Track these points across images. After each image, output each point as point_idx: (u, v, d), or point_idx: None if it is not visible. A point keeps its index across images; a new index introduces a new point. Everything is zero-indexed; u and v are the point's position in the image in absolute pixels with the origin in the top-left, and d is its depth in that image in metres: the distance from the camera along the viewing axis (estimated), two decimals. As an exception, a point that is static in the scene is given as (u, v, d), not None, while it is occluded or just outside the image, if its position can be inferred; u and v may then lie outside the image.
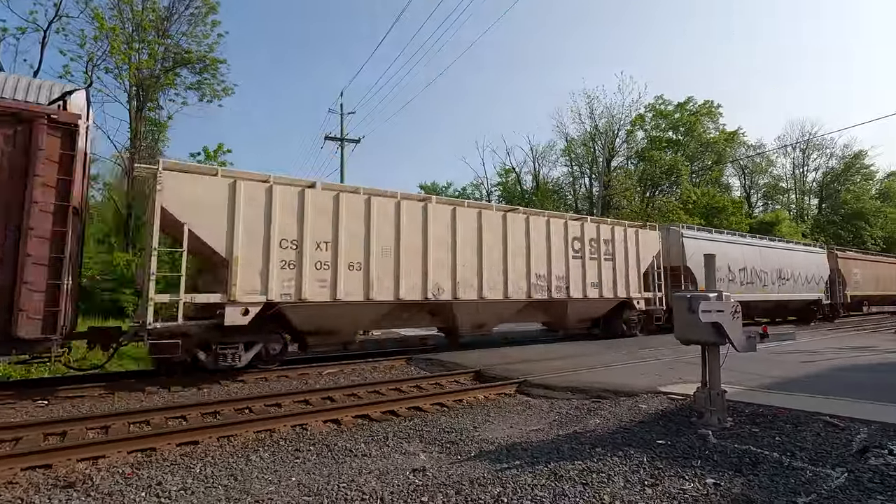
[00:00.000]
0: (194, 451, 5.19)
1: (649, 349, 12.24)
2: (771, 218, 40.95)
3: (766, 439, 5.06)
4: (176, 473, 4.47)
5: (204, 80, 24.79)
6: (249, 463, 4.77)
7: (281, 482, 4.26)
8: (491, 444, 5.24)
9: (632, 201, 36.45)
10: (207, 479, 4.34)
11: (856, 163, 52.98)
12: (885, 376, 8.63)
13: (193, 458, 4.94)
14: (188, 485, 4.19)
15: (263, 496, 3.95)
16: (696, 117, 43.09)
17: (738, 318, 5.42)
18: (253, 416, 6.45)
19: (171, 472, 4.50)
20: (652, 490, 3.93)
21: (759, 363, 9.42)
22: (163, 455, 5.03)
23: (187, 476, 4.40)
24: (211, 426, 5.75)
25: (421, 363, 10.77)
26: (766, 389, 7.30)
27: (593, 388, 7.58)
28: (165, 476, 4.40)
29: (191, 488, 4.12)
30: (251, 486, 4.17)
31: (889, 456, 4.45)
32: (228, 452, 5.12)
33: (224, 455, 5.03)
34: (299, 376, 9.53)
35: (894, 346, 13.24)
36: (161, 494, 4.00)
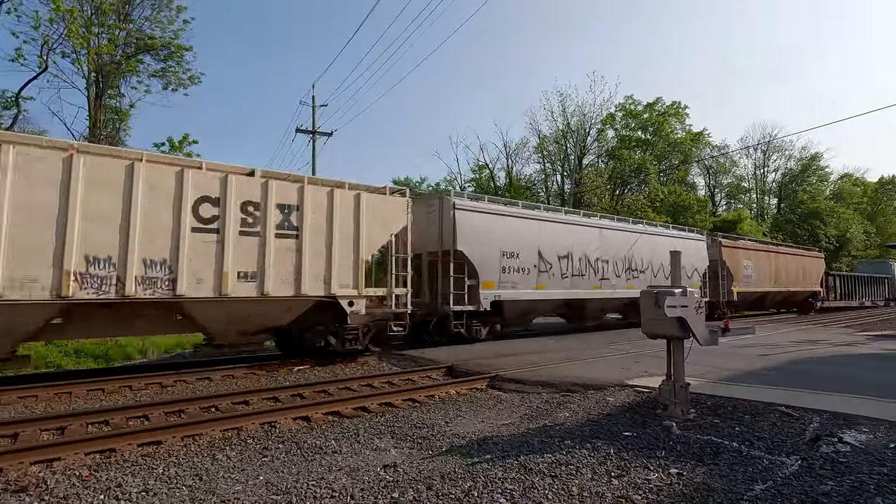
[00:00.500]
0: (157, 451, 5.02)
1: (618, 343, 12.53)
2: (733, 216, 42.49)
3: (727, 430, 5.26)
4: (137, 475, 4.32)
5: (168, 68, 23.91)
6: (215, 462, 4.65)
7: (248, 481, 4.17)
8: (462, 438, 5.26)
9: (602, 199, 37.15)
10: (171, 479, 4.21)
11: (812, 164, 55.50)
12: (837, 368, 9.09)
13: (156, 458, 4.78)
14: (150, 486, 4.05)
15: (230, 496, 3.86)
16: (664, 117, 44.23)
17: (702, 312, 5.59)
18: (219, 414, 6.29)
19: (132, 474, 4.34)
20: (618, 481, 4.03)
21: (720, 356, 9.77)
22: (123, 456, 4.85)
23: (149, 477, 4.26)
24: (174, 425, 5.58)
25: (393, 359, 10.72)
26: (726, 382, 7.58)
27: (563, 382, 7.70)
28: (126, 477, 4.24)
29: (153, 489, 3.99)
30: (217, 486, 4.06)
31: (839, 444, 4.68)
32: (193, 452, 4.98)
33: (188, 455, 4.89)
34: (268, 373, 9.34)
35: (845, 340, 13.95)
36: (121, 496, 3.86)
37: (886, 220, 62.41)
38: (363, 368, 10.00)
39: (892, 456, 4.34)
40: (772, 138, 53.76)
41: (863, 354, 11.05)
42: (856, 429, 5.14)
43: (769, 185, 56.97)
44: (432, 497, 3.75)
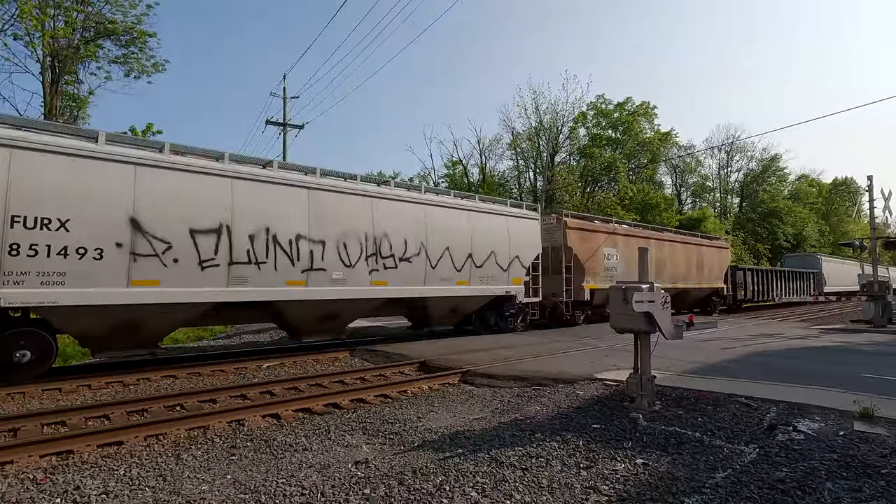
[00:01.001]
0: (118, 452, 4.85)
1: (589, 338, 12.78)
2: (697, 215, 43.82)
3: (690, 420, 5.44)
4: (96, 477, 4.16)
5: (131, 55, 22.92)
6: (180, 462, 4.52)
7: (215, 481, 4.07)
8: (434, 433, 5.28)
9: (573, 196, 37.72)
10: (133, 480, 4.07)
11: (772, 165, 57.78)
12: (792, 360, 9.53)
13: (117, 459, 4.61)
14: (110, 488, 3.91)
15: (196, 496, 3.76)
16: (634, 117, 45.17)
17: (668, 307, 5.75)
18: (185, 412, 6.11)
19: (91, 476, 4.18)
20: (587, 472, 4.12)
21: (684, 350, 10.09)
22: (81, 458, 4.67)
23: (109, 479, 4.11)
24: (136, 425, 5.39)
25: (365, 355, 10.65)
26: (690, 374, 7.84)
27: (534, 377, 7.81)
28: (84, 480, 4.08)
29: (113, 492, 3.85)
30: (182, 487, 3.95)
31: (794, 432, 4.92)
32: (157, 452, 4.83)
33: (152, 455, 4.74)
34: (236, 370, 9.14)
35: (800, 333, 14.63)
36: (79, 500, 3.71)
37: (839, 219, 65.62)
38: (335, 364, 9.90)
39: (841, 443, 4.58)
40: (735, 139, 55.70)
41: (816, 347, 11.61)
42: (809, 418, 5.40)
43: (732, 184, 58.99)
44: (404, 492, 3.75)
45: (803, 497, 3.55)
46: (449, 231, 12.42)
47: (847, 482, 3.78)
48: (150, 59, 23.29)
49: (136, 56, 23.03)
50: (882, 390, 6.55)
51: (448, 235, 12.37)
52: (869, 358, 10.01)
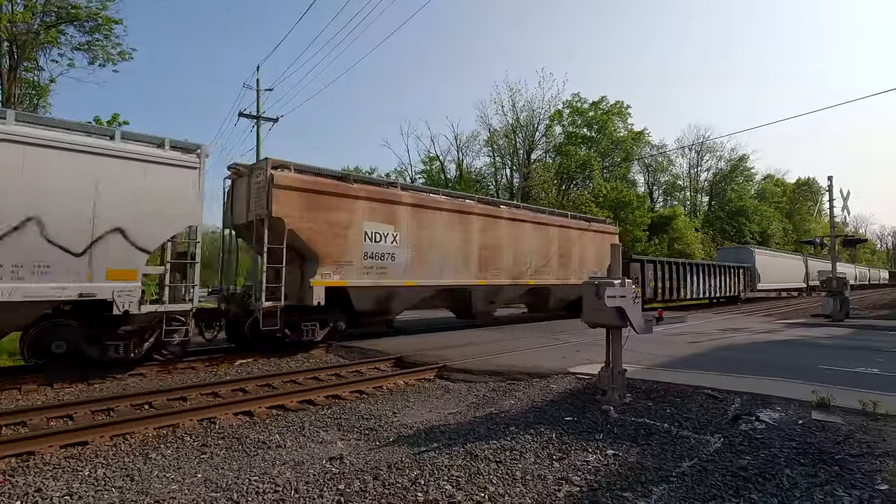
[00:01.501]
0: (82, 452, 4.70)
1: (563, 333, 12.98)
2: (668, 213, 44.92)
3: (659, 412, 5.60)
4: (59, 478, 4.03)
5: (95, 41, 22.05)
6: (149, 461, 4.42)
7: (185, 480, 3.99)
8: (410, 428, 5.29)
9: (549, 193, 38.15)
10: (98, 481, 3.96)
11: (740, 165, 59.66)
12: (756, 354, 9.89)
13: (81, 460, 4.48)
14: (74, 489, 3.79)
15: (165, 496, 3.68)
16: (608, 116, 45.92)
17: (639, 302, 5.89)
18: (153, 411, 5.96)
19: (54, 477, 4.04)
20: (559, 463, 4.20)
21: (654, 344, 10.36)
22: (43, 459, 4.51)
23: (73, 480, 3.98)
24: (102, 424, 5.23)
25: (340, 351, 10.57)
26: (660, 367, 8.05)
27: (509, 371, 7.90)
28: (46, 482, 3.94)
29: (77, 493, 3.73)
30: (150, 487, 3.86)
31: (756, 422, 5.11)
32: (124, 452, 4.70)
33: (118, 455, 4.61)
34: (207, 368, 8.95)
35: (765, 328, 15.18)
36: (41, 502, 3.58)
37: (802, 217, 68.22)
38: (309, 361, 9.80)
39: (799, 432, 4.79)
40: (705, 139, 57.25)
41: (779, 341, 12.08)
42: (771, 408, 5.62)
43: (702, 183, 60.66)
44: (379, 487, 3.75)
45: (763, 483, 3.71)
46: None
47: (804, 468, 3.95)
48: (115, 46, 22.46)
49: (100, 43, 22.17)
50: (839, 381, 6.86)
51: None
52: (827, 351, 10.47)
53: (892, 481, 3.56)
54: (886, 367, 8.33)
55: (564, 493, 3.65)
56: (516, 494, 3.63)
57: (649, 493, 3.61)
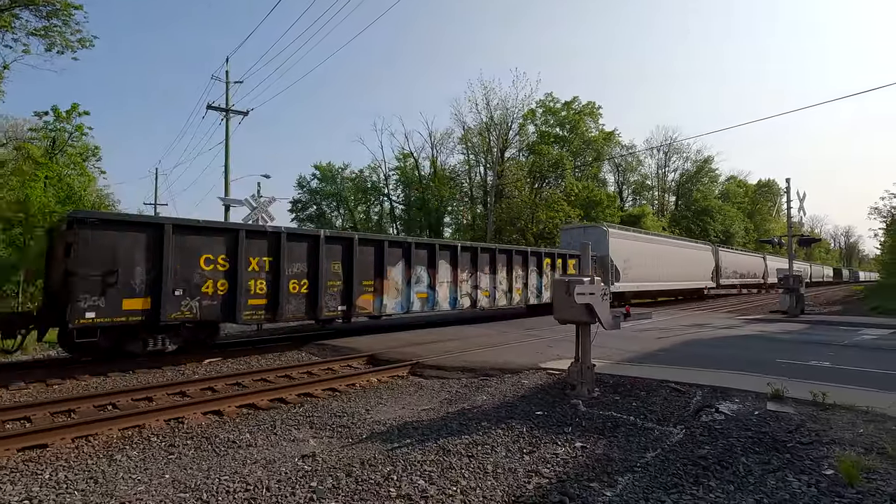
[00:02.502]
0: (42, 455, 4.54)
1: (535, 329, 13.19)
2: (637, 212, 46.07)
3: (626, 405, 5.79)
4: (17, 482, 3.89)
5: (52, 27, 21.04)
6: (114, 463, 4.31)
7: (152, 481, 3.91)
8: (383, 425, 5.31)
9: (522, 192, 38.56)
10: (60, 484, 3.84)
11: (705, 166, 61.66)
12: (718, 348, 10.30)
13: (41, 463, 4.33)
14: (34, 493, 3.67)
15: (131, 497, 3.60)
16: (580, 116, 46.71)
17: (607, 299, 6.07)
18: (117, 412, 5.80)
19: (11, 481, 3.90)
20: (529, 456, 4.30)
21: (622, 340, 10.66)
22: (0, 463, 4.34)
23: (32, 484, 3.85)
24: (62, 426, 5.06)
25: (313, 349, 10.48)
26: (627, 362, 8.30)
27: (482, 367, 8.00)
28: (3, 486, 3.80)
29: (37, 496, 3.61)
30: (115, 489, 3.78)
31: (716, 413, 5.35)
32: (87, 454, 4.57)
33: (81, 457, 4.48)
34: (174, 368, 8.73)
35: (727, 323, 15.79)
36: (-2, 507, 3.46)
37: (762, 217, 71.04)
38: (281, 359, 9.68)
39: (755, 422, 5.04)
40: (672, 141, 58.88)
41: (739, 336, 12.60)
42: (730, 400, 5.88)
43: (669, 183, 62.42)
44: (352, 483, 3.77)
45: (721, 471, 3.90)
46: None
47: (759, 456, 4.17)
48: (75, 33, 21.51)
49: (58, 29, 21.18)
50: (793, 374, 7.23)
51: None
52: (783, 345, 10.99)
53: (837, 466, 3.80)
54: (836, 360, 8.81)
55: (534, 485, 3.75)
56: (488, 487, 3.71)
57: (615, 482, 3.74)
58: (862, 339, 12.08)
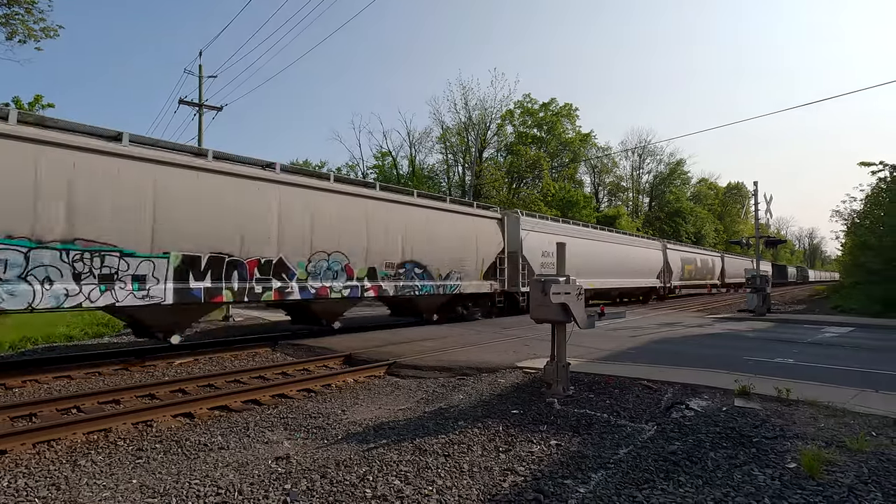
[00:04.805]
0: (1, 462, 4.35)
1: (511, 328, 13.29)
2: (612, 213, 46.90)
3: (599, 403, 5.88)
4: (-27, 490, 3.72)
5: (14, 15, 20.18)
6: (77, 468, 4.16)
7: (118, 486, 3.79)
8: (359, 425, 5.27)
9: (500, 191, 38.81)
10: (19, 491, 3.69)
11: (678, 169, 63.19)
12: (689, 346, 10.57)
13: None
14: (-9, 502, 3.52)
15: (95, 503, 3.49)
16: (557, 118, 47.27)
17: (582, 298, 6.15)
18: (82, 415, 5.61)
19: (-33, 490, 3.73)
20: (505, 455, 4.33)
21: (597, 338, 10.83)
22: (-46, 470, 4.14)
23: (-10, 492, 3.69)
24: (23, 431, 4.86)
25: (288, 349, 10.32)
26: (601, 361, 8.44)
27: (459, 367, 8.02)
28: (-43, 495, 3.63)
29: (-5, 505, 3.47)
30: (79, 495, 3.65)
31: (686, 410, 5.48)
32: (49, 459, 4.40)
33: (43, 463, 4.31)
34: (143, 369, 8.49)
35: (697, 322, 16.22)
36: (-49, 517, 3.31)
37: (731, 219, 73.23)
38: (254, 360, 9.51)
39: (723, 418, 5.19)
40: (646, 143, 60.16)
41: (709, 334, 12.95)
42: (699, 397, 6.04)
43: (643, 185, 63.75)
44: (326, 485, 3.73)
45: (691, 466, 4.00)
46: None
47: (726, 451, 4.30)
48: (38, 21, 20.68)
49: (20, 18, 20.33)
50: (759, 371, 7.47)
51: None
52: (751, 343, 11.35)
53: (800, 460, 3.94)
54: (800, 357, 9.14)
55: (510, 483, 3.78)
56: (463, 486, 3.72)
57: (588, 479, 3.80)
58: (824, 337, 12.58)
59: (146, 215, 8.36)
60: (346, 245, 11.65)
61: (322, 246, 11.10)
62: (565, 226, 21.26)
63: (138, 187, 8.32)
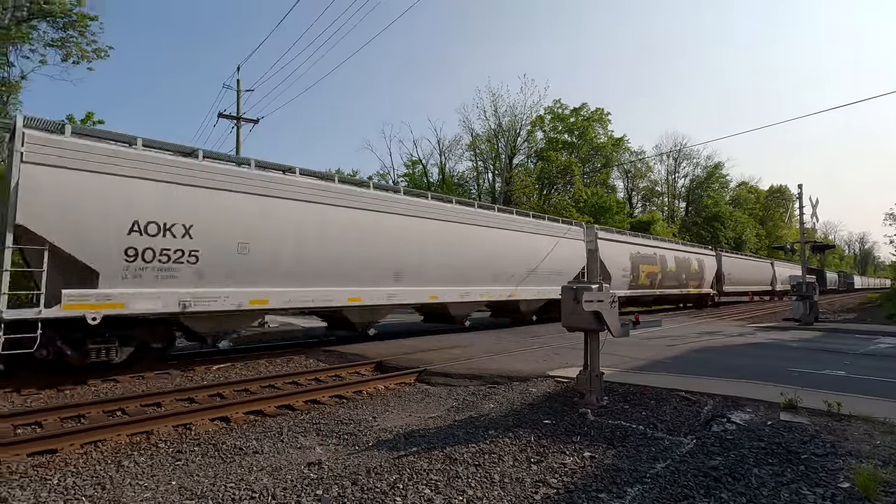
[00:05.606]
0: (51, 461, 4.58)
1: (541, 337, 13.10)
2: (647, 218, 45.77)
3: (635, 414, 5.70)
4: (27, 487, 3.92)
5: (69, 38, 21.50)
6: (122, 469, 4.32)
7: (159, 487, 3.92)
8: (389, 433, 5.28)
9: (531, 198, 38.52)
10: (67, 490, 3.86)
11: (715, 172, 61.18)
12: (729, 356, 10.14)
13: (50, 468, 4.36)
14: (42, 499, 3.69)
15: (137, 504, 3.61)
16: (589, 122, 46.67)
17: (616, 306, 6.01)
18: (126, 417, 5.84)
19: (21, 486, 3.93)
20: (537, 466, 4.25)
21: (632, 347, 10.54)
22: (10, 468, 4.37)
23: (41, 489, 3.87)
24: (72, 431, 5.10)
25: (320, 356, 10.48)
26: (636, 370, 8.20)
27: (489, 375, 7.95)
28: (13, 491, 3.83)
29: (45, 502, 3.64)
30: (122, 495, 3.79)
31: (727, 423, 5.25)
32: (95, 459, 4.59)
33: (90, 463, 4.50)
34: (183, 374, 8.79)
35: (738, 331, 15.57)
36: (6, 512, 3.48)
37: (774, 224, 70.25)
38: (288, 366, 9.69)
39: (768, 432, 4.94)
40: (682, 147, 58.58)
41: (751, 343, 12.40)
42: (741, 410, 5.78)
43: (679, 189, 62.01)
44: (357, 492, 3.75)
45: (733, 483, 3.82)
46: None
47: (772, 468, 4.08)
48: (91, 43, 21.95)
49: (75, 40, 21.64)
50: (806, 383, 7.09)
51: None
52: (796, 353, 10.80)
53: (853, 479, 3.70)
54: (852, 369, 8.63)
55: (542, 495, 3.70)
56: (494, 497, 3.67)
57: (624, 493, 3.68)
58: (878, 348, 11.84)
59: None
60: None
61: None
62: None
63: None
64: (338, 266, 10.80)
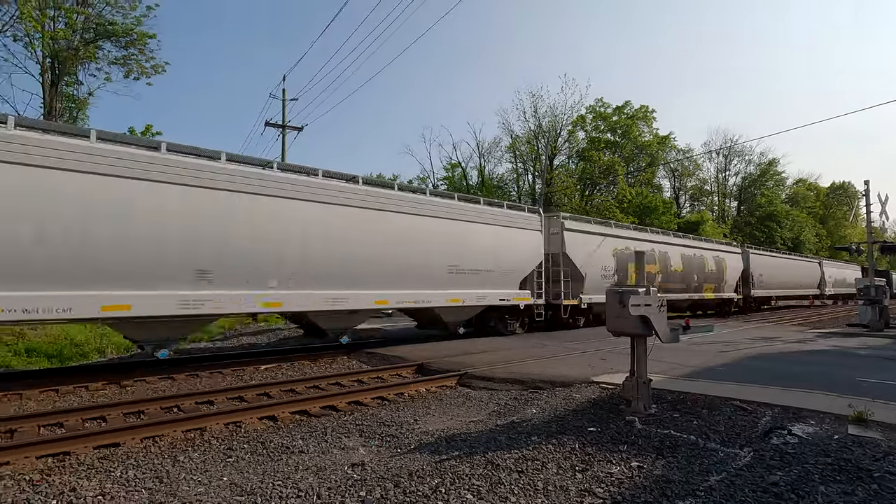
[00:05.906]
0: (114, 453, 4.86)
1: (583, 341, 12.79)
2: (696, 218, 43.92)
3: (685, 424, 5.46)
4: (93, 478, 4.17)
5: (130, 56, 22.97)
6: (177, 464, 4.53)
7: (212, 482, 4.08)
8: (431, 436, 5.29)
9: (572, 199, 37.80)
10: (129, 482, 4.08)
11: (770, 169, 57.97)
12: (788, 364, 9.55)
13: (113, 461, 4.62)
14: (107, 490, 3.92)
15: (192, 498, 3.77)
16: (633, 121, 45.30)
17: (664, 311, 5.78)
18: (181, 414, 6.13)
19: (87, 477, 4.19)
20: (582, 475, 4.13)
21: (681, 353, 10.11)
22: (78, 459, 4.67)
23: (106, 480, 4.12)
24: (133, 426, 5.40)
25: (363, 357, 10.66)
26: (686, 378, 7.85)
27: (532, 379, 7.82)
28: (81, 481, 4.09)
29: (109, 493, 3.86)
30: (178, 488, 3.97)
31: (788, 436, 4.94)
32: (154, 454, 4.84)
33: (149, 457, 4.75)
34: (234, 373, 9.15)
35: (797, 337, 14.66)
36: (75, 501, 3.72)
37: (836, 223, 65.81)
38: (332, 367, 9.91)
39: (835, 447, 4.60)
40: (733, 143, 55.90)
41: (812, 351, 11.64)
42: (804, 422, 5.42)
43: (730, 188, 59.16)
44: (399, 495, 3.76)
45: (797, 501, 3.57)
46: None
47: (840, 485, 3.80)
48: (149, 60, 23.34)
49: (135, 57, 23.08)
50: (877, 394, 6.57)
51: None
52: (864, 362, 10.04)
53: (935, 501, 3.39)
54: (930, 380, 7.94)
55: (587, 505, 3.59)
56: (538, 505, 3.59)
57: (675, 507, 3.52)
58: (960, 357, 10.83)
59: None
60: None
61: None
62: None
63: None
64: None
